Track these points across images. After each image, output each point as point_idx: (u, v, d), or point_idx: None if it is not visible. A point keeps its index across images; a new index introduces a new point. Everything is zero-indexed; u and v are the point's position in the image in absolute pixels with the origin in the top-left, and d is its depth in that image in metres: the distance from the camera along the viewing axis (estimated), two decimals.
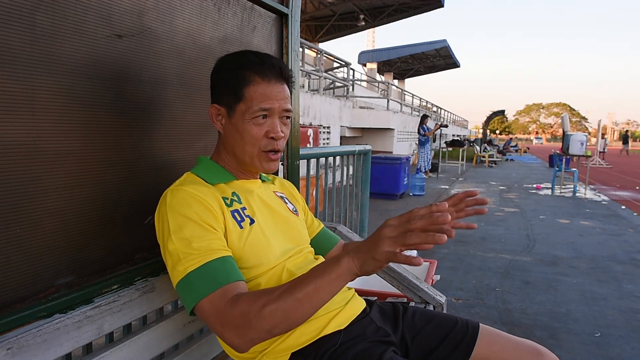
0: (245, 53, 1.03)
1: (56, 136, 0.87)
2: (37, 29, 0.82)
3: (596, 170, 16.35)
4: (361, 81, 17.99)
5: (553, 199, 8.66)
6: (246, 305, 0.80)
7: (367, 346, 0.99)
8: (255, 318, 0.78)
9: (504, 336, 1.11)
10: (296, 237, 1.11)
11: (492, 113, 26.60)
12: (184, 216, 0.91)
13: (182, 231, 0.89)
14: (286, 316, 0.79)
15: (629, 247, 4.99)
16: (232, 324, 0.80)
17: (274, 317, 0.78)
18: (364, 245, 0.78)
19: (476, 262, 4.24)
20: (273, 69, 1.00)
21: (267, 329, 0.79)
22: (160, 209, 0.96)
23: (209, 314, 0.83)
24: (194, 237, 0.89)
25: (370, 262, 0.76)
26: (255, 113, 0.98)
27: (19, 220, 0.82)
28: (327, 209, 2.97)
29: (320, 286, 0.78)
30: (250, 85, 0.98)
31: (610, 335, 2.74)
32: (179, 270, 0.87)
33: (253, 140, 1.00)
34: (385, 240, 0.74)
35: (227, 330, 0.81)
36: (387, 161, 7.81)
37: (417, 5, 17.81)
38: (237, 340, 0.81)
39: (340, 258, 0.79)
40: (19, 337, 0.77)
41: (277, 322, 0.79)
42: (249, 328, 0.79)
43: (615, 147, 47.57)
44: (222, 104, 1.02)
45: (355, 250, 0.79)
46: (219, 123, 1.04)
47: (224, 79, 1.02)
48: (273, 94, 0.99)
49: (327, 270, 0.79)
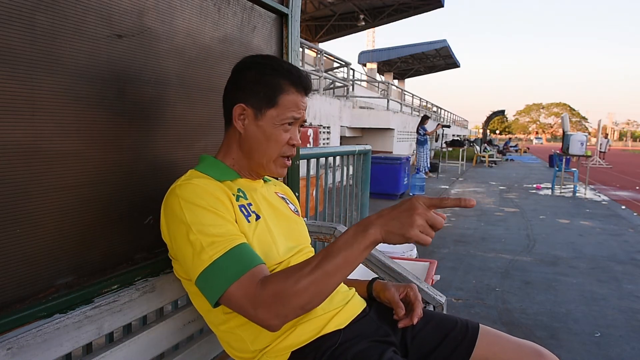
0: (279, 61, 1.07)
1: (56, 136, 0.87)
2: (37, 29, 0.82)
3: (596, 170, 16.35)
4: (361, 81, 17.99)
5: (553, 199, 8.66)
6: (279, 284, 0.82)
7: (366, 346, 0.99)
8: (289, 295, 0.81)
9: (504, 337, 1.11)
10: (298, 237, 1.13)
11: (492, 113, 26.60)
12: (200, 206, 0.91)
13: (201, 221, 0.90)
14: (318, 290, 0.82)
15: (629, 247, 5.00)
16: (265, 303, 0.81)
17: (308, 293, 0.81)
18: (393, 220, 0.80)
19: (476, 262, 4.24)
20: (305, 82, 1.06)
21: (301, 305, 0.82)
22: (171, 202, 0.94)
23: (239, 297, 0.84)
24: (213, 225, 0.89)
25: (398, 238, 0.80)
26: (286, 120, 1.03)
27: (19, 220, 0.82)
28: (327, 209, 2.97)
29: (349, 258, 0.81)
30: (286, 94, 1.03)
31: (610, 335, 2.74)
32: (204, 259, 0.87)
33: (277, 145, 1.04)
34: (416, 227, 0.79)
35: (260, 311, 0.82)
36: (387, 161, 7.81)
37: (417, 5, 17.81)
38: (271, 320, 0.82)
39: (367, 228, 0.81)
40: (19, 337, 0.77)
41: (311, 297, 0.82)
42: (283, 306, 0.81)
43: (615, 147, 47.55)
44: (251, 106, 1.03)
45: (382, 223, 0.81)
46: (241, 122, 1.04)
47: (258, 82, 1.03)
48: (301, 105, 1.05)
49: (355, 241, 0.81)
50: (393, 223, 0.80)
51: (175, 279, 1.12)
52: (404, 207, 0.81)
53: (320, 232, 1.70)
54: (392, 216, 0.81)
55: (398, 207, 0.82)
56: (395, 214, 0.81)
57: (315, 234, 1.69)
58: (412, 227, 0.78)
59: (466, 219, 6.36)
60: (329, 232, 1.69)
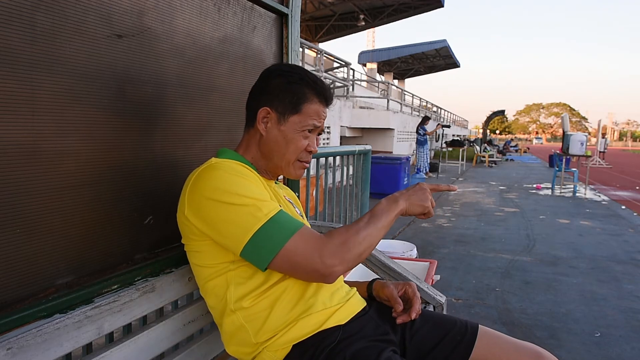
0: (306, 72, 1.14)
1: (56, 136, 0.87)
2: (37, 29, 0.82)
3: (596, 170, 16.36)
4: (361, 81, 17.98)
5: (553, 199, 8.66)
6: (343, 235, 0.95)
7: (366, 344, 1.00)
8: (353, 243, 0.94)
9: (503, 338, 1.11)
10: None
11: (492, 113, 26.57)
12: (244, 176, 0.98)
13: (249, 187, 0.96)
14: (372, 241, 0.96)
15: (629, 247, 5.00)
16: (332, 252, 0.92)
17: (365, 242, 0.95)
18: (413, 195, 1.04)
19: (476, 262, 4.24)
20: (327, 93, 1.12)
21: (359, 253, 0.94)
22: (211, 175, 0.96)
23: (304, 248, 0.92)
24: (260, 194, 0.97)
25: (418, 208, 1.04)
26: (307, 127, 1.09)
27: (19, 220, 0.82)
28: (327, 209, 2.97)
29: (389, 220, 1.00)
30: (310, 103, 1.09)
31: (610, 335, 2.74)
32: (260, 217, 0.92)
33: (296, 150, 1.10)
34: (429, 201, 1.05)
35: (328, 258, 0.91)
36: (387, 161, 7.82)
37: (417, 5, 17.81)
38: (337, 265, 0.92)
39: (397, 200, 1.02)
40: (19, 337, 0.77)
41: (367, 247, 0.96)
42: (348, 252, 0.93)
43: (615, 147, 47.55)
44: (275, 110, 1.08)
45: (406, 197, 1.03)
46: (264, 125, 1.09)
47: (286, 89, 1.08)
48: (322, 115, 1.12)
49: (390, 208, 1.01)
50: (414, 197, 1.04)
51: (175, 279, 1.12)
52: (417, 187, 1.06)
53: (320, 232, 1.70)
54: (411, 193, 1.05)
55: (412, 188, 1.06)
56: (413, 191, 1.05)
57: None
58: (427, 201, 1.04)
59: (466, 219, 6.36)
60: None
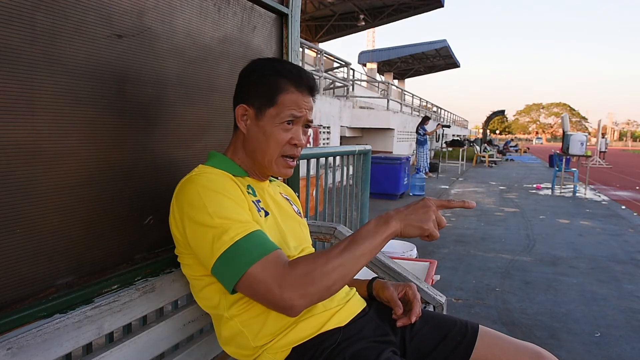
0: (283, 62, 1.08)
1: (56, 136, 0.87)
2: (37, 29, 0.82)
3: (596, 170, 16.35)
4: (361, 81, 17.97)
5: (553, 199, 8.66)
6: (308, 265, 0.85)
7: (365, 345, 0.99)
8: (318, 275, 0.84)
9: (504, 339, 1.11)
10: (301, 237, 1.15)
11: (492, 113, 26.56)
12: (218, 192, 0.93)
13: (221, 205, 0.91)
14: (346, 272, 0.86)
15: (629, 247, 5.00)
16: (293, 284, 0.83)
17: (336, 274, 0.85)
18: (411, 214, 0.91)
19: (476, 262, 4.24)
20: (307, 82, 1.06)
21: (328, 286, 0.85)
22: (187, 190, 0.94)
23: (264, 277, 0.84)
24: (233, 211, 0.92)
25: (416, 230, 0.90)
26: (285, 118, 1.03)
27: (19, 220, 0.82)
28: (327, 209, 2.97)
29: (373, 245, 0.88)
30: (285, 93, 1.03)
31: (610, 335, 2.74)
32: (225, 240, 0.88)
33: (277, 144, 1.04)
34: (431, 221, 0.91)
35: (287, 290, 0.83)
36: (387, 161, 7.81)
37: (417, 5, 17.80)
38: (298, 299, 0.83)
39: (389, 221, 0.90)
40: (19, 337, 0.77)
41: (338, 278, 0.85)
42: (311, 285, 0.83)
43: (615, 147, 47.56)
44: (252, 106, 1.05)
45: (401, 217, 0.90)
46: (244, 123, 1.06)
47: (259, 82, 1.04)
48: (303, 103, 1.05)
49: (379, 231, 0.89)
50: (412, 217, 0.91)
51: (175, 279, 1.12)
52: (420, 204, 0.92)
53: (320, 232, 1.70)
54: (410, 211, 0.91)
55: (414, 204, 0.93)
56: (412, 209, 0.92)
57: (315, 234, 1.69)
58: (429, 221, 0.90)
59: (466, 219, 6.36)
60: (328, 232, 1.69)
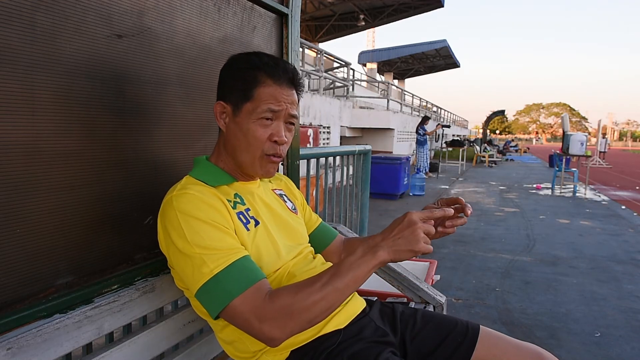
0: (260, 54, 1.01)
1: (56, 136, 0.87)
2: (37, 29, 0.82)
3: (596, 170, 16.35)
4: (361, 81, 17.98)
5: (553, 199, 8.66)
6: (288, 299, 0.82)
7: (364, 346, 0.99)
8: (298, 310, 0.82)
9: (505, 339, 1.10)
10: (296, 237, 1.11)
11: (492, 113, 26.55)
12: (197, 219, 0.89)
13: (199, 234, 0.87)
14: (327, 306, 0.83)
15: (629, 247, 4.99)
16: (272, 318, 0.82)
17: (317, 307, 0.82)
18: (398, 239, 0.86)
19: (476, 262, 4.24)
20: (286, 74, 0.99)
21: (309, 319, 0.83)
22: (168, 215, 0.91)
23: (243, 311, 0.83)
24: (213, 238, 0.88)
25: (407, 254, 0.85)
26: (262, 114, 0.97)
27: (19, 220, 0.82)
28: (327, 209, 2.97)
29: (357, 277, 0.85)
30: (261, 86, 0.97)
31: (610, 335, 2.74)
32: (204, 273, 0.85)
33: (256, 142, 0.98)
34: (420, 240, 0.85)
35: (266, 325, 0.82)
36: (387, 161, 7.81)
37: (417, 5, 17.81)
38: (278, 333, 0.82)
39: (376, 251, 0.86)
40: (19, 337, 0.77)
41: (320, 312, 0.83)
42: (291, 320, 0.82)
43: (615, 147, 47.55)
44: (229, 102, 1.00)
45: (389, 244, 0.86)
46: (223, 121, 1.01)
47: (234, 77, 0.99)
48: (282, 97, 0.98)
49: (364, 262, 0.85)
50: (400, 242, 0.86)
51: None
52: (404, 224, 0.87)
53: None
54: (397, 235, 0.86)
55: (397, 225, 0.87)
56: (398, 232, 0.86)
57: None
58: (419, 242, 0.85)
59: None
60: None
